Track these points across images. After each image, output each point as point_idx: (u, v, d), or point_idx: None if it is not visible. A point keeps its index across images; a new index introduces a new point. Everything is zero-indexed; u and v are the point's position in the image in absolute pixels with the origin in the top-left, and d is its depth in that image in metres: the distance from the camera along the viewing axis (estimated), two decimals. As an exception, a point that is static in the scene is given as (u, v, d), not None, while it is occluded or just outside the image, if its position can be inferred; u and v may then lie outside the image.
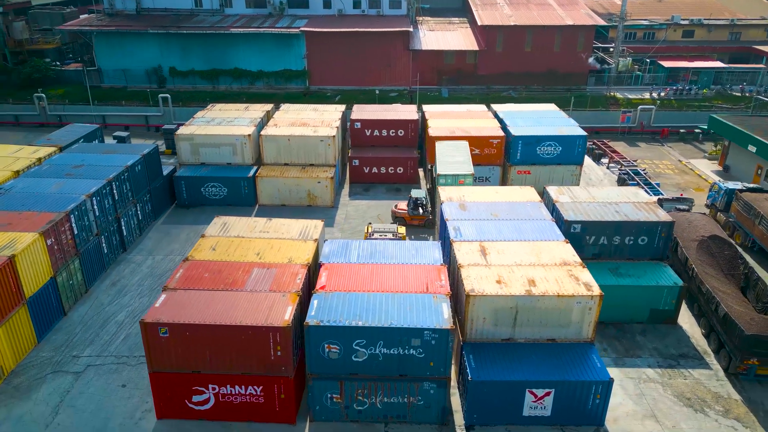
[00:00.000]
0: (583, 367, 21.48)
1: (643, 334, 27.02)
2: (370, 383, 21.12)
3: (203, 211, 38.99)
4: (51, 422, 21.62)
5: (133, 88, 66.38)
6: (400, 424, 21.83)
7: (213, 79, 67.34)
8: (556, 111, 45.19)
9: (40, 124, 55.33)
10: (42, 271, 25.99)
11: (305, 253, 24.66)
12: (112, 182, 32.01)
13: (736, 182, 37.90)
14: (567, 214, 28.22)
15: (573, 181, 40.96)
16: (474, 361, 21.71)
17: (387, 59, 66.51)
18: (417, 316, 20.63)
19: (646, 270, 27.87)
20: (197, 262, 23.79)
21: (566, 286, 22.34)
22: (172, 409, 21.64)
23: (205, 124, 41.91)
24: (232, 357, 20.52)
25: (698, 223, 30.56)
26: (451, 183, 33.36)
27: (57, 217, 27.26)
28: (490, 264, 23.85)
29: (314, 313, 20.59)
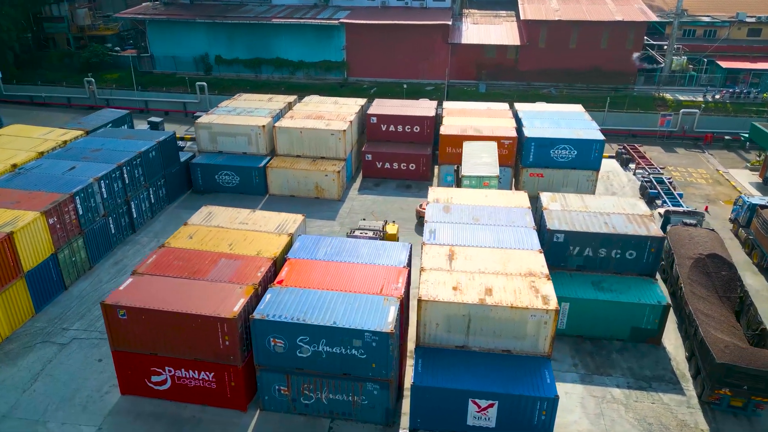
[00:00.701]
0: (530, 382, 20.99)
1: (621, 352, 25.97)
2: (315, 379, 21.58)
3: (217, 197, 40.49)
4: (28, 388, 23.48)
5: (181, 75, 69.24)
6: (345, 421, 22.20)
7: (256, 68, 69.20)
8: (580, 113, 43.56)
9: (90, 106, 58.88)
10: (42, 248, 28.04)
11: (275, 246, 25.32)
12: (123, 167, 33.89)
13: (765, 197, 35.34)
14: (551, 223, 27.40)
15: (589, 186, 39.52)
16: (422, 365, 21.67)
17: (425, 52, 66.01)
18: (361, 317, 20.83)
19: (632, 286, 26.68)
20: (171, 249, 24.96)
21: (522, 298, 21.83)
22: (133, 386, 22.98)
23: (226, 113, 43.38)
24: (185, 343, 21.52)
25: (701, 239, 28.84)
26: (476, 185, 32.51)
27: (61, 198, 29.27)
28: (453, 269, 23.61)
29: (263, 307, 21.21)
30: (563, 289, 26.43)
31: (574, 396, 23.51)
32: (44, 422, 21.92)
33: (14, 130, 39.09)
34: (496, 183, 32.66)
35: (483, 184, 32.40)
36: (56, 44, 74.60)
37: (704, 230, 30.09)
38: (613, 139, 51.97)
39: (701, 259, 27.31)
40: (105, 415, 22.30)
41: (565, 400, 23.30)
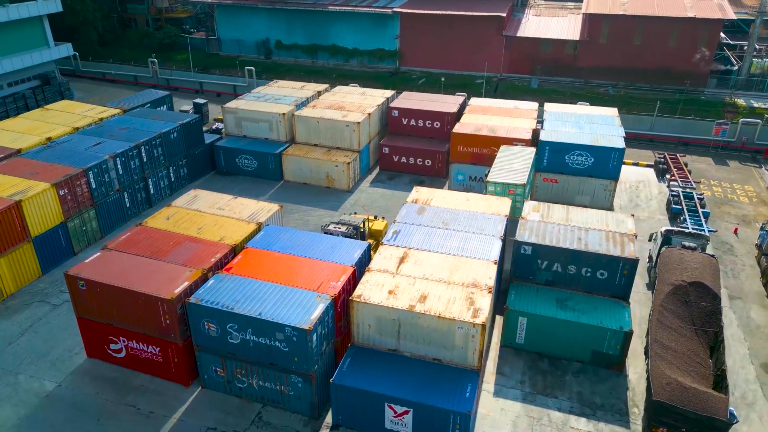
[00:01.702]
0: (448, 394, 20.77)
1: (577, 375, 24.83)
2: (246, 365, 22.56)
3: (236, 179, 42.49)
4: (13, 341, 26.34)
5: (244, 58, 72.34)
6: (275, 409, 23.06)
7: (312, 54, 70.86)
8: (611, 117, 41.08)
9: (153, 85, 63.09)
10: (52, 216, 30.96)
11: (240, 234, 26.44)
12: (141, 146, 36.41)
13: (799, 223, 31.92)
14: (520, 234, 26.47)
15: (606, 196, 37.43)
16: (348, 365, 22.05)
17: (478, 44, 64.56)
18: (288, 311, 21.47)
19: (599, 307, 25.31)
20: (146, 228, 26.79)
21: (453, 309, 21.52)
22: (96, 350, 25.13)
23: (255, 99, 45.08)
24: (134, 317, 23.21)
25: (692, 265, 26.68)
26: (500, 192, 31.25)
27: (74, 172, 32.07)
28: (398, 273, 23.63)
29: (201, 292, 22.41)
30: (524, 303, 25.61)
31: (509, 413, 22.90)
32: (16, 373, 24.57)
33: (61, 106, 43.00)
34: (522, 192, 31.24)
35: (508, 192, 31.13)
36: (137, 25, 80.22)
37: (701, 255, 27.73)
38: (661, 147, 48.60)
39: (683, 287, 25.32)
40: (68, 373, 24.62)
41: (499, 416, 22.77)
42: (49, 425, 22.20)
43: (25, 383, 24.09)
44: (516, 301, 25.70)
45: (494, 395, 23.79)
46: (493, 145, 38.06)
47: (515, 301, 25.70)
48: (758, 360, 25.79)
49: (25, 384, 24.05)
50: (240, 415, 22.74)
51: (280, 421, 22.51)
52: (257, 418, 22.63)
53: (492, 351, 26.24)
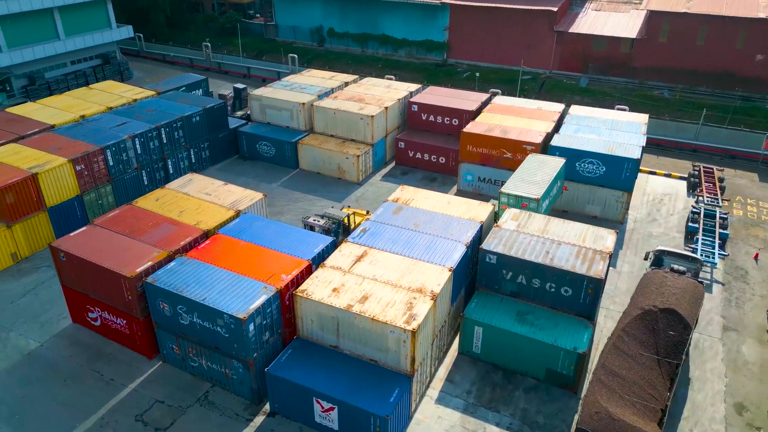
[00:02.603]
0: (373, 396, 20.96)
1: (529, 392, 24.14)
2: (196, 346, 23.76)
3: (255, 165, 44.04)
4: (15, 300, 29.10)
5: (297, 45, 74.19)
6: (222, 390, 24.15)
7: (363, 43, 71.40)
8: (638, 124, 38.70)
9: (206, 68, 66.14)
10: (68, 189, 33.59)
11: (216, 220, 27.64)
12: (161, 128, 38.57)
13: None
14: (488, 242, 25.83)
15: (618, 208, 35.59)
16: (288, 356, 22.72)
17: (528, 39, 62.57)
18: (231, 299, 22.36)
19: (559, 324, 24.37)
20: (134, 207, 28.58)
21: (388, 312, 21.58)
22: (78, 317, 27.30)
23: (282, 87, 46.32)
24: (104, 290, 24.99)
25: (671, 290, 25.00)
26: (513, 204, 29.70)
27: (91, 149, 34.57)
28: (349, 271, 23.92)
29: (159, 273, 23.76)
30: (482, 312, 25.12)
31: (445, 422, 22.72)
32: (9, 330, 27.21)
33: (103, 86, 46.18)
34: (535, 207, 29.38)
35: (521, 205, 29.52)
36: (204, 9, 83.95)
37: (686, 281, 25.88)
38: (705, 159, 45.27)
39: (653, 313, 23.83)
40: (52, 335, 26.96)
41: (434, 423, 22.66)
42: (23, 380, 24.49)
43: (13, 340, 26.65)
44: (474, 310, 25.25)
45: (436, 402, 23.66)
46: (503, 146, 37.16)
47: (474, 310, 25.25)
48: (732, 399, 23.94)
49: (14, 340, 26.60)
50: (189, 392, 24.03)
51: (223, 403, 23.59)
52: (204, 397, 23.83)
53: (449, 357, 25.99)
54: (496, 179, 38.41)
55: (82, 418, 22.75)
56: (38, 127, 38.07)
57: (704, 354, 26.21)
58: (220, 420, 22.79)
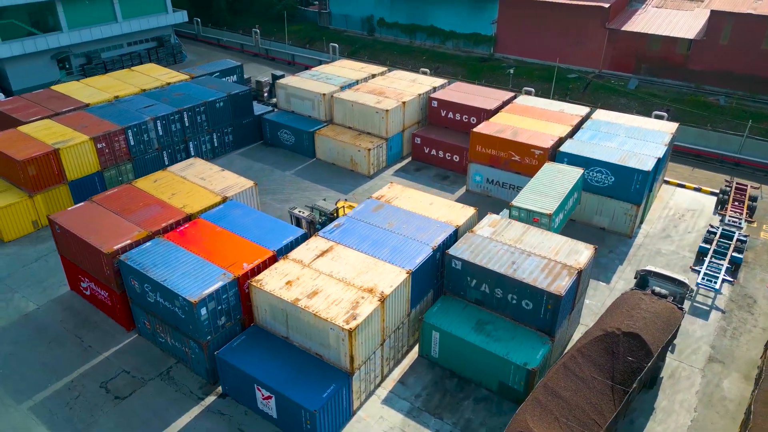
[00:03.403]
0: (307, 390, 21.42)
1: (479, 403, 23.75)
2: (161, 323, 25.08)
3: (276, 152, 45.24)
4: (27, 265, 31.74)
5: (348, 33, 74.90)
6: (185, 367, 25.39)
7: (411, 34, 71.02)
8: (663, 134, 36.42)
9: (254, 54, 68.18)
10: (88, 165, 36.00)
11: (201, 204, 28.83)
12: (183, 112, 40.41)
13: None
14: (456, 248, 25.42)
15: (626, 221, 33.86)
16: (240, 342, 23.59)
17: (578, 35, 59.92)
18: (189, 283, 23.39)
19: (517, 337, 23.75)
20: (132, 187, 30.30)
21: (331, 310, 21.89)
22: (74, 285, 29.43)
23: (309, 77, 47.12)
24: (89, 263, 26.81)
25: (643, 314, 23.63)
26: (524, 218, 28.29)
27: (113, 129, 36.81)
28: (309, 265, 24.37)
29: (133, 252, 25.21)
30: (442, 318, 24.88)
31: (385, 423, 22.82)
32: (14, 291, 29.78)
33: (144, 68, 48.79)
34: (546, 222, 27.89)
35: (533, 220, 28.06)
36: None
37: (664, 305, 24.34)
38: (747, 175, 42.01)
39: (615, 335, 22.68)
40: (49, 300, 29.26)
41: (373, 423, 22.83)
42: (14, 339, 26.83)
43: (16, 301, 29.16)
44: (434, 315, 25.04)
45: (383, 402, 23.78)
46: (511, 149, 36.16)
47: (433, 315, 25.04)
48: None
49: (16, 302, 29.11)
50: (154, 366, 25.45)
51: (182, 379, 24.82)
52: (166, 372, 25.17)
53: (408, 359, 25.96)
54: (504, 182, 37.47)
55: (55, 379, 24.69)
56: (74, 105, 40.95)
57: (678, 384, 24.69)
58: (175, 396, 24.03)
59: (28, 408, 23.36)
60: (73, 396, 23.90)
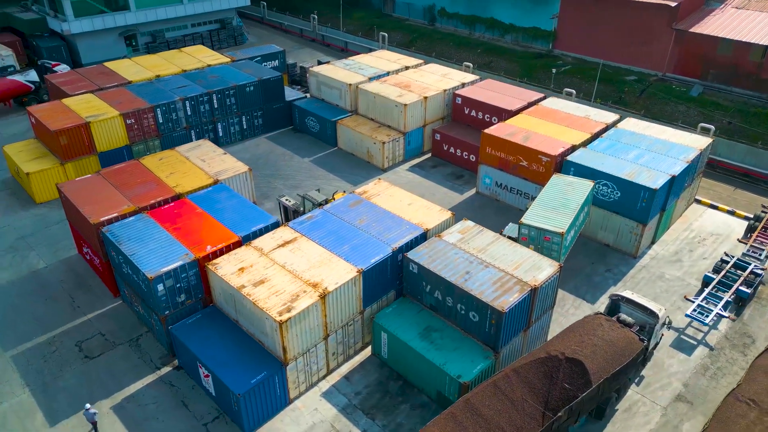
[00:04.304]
0: (240, 374, 22.26)
1: (415, 408, 23.61)
2: (134, 294, 26.85)
3: (302, 138, 46.30)
4: (48, 227, 34.81)
5: (410, 22, 74.56)
6: (153, 338, 27.06)
7: (471, 26, 69.57)
8: (691, 149, 33.65)
9: (312, 39, 69.59)
10: (117, 139, 38.69)
11: (193, 185, 30.30)
12: (213, 94, 42.29)
13: None
14: (415, 251, 25.17)
15: (631, 240, 31.86)
16: (194, 320, 24.84)
17: (643, 35, 56.06)
18: (153, 259, 24.81)
19: (461, 348, 23.30)
20: (137, 163, 32.32)
21: (271, 300, 22.53)
22: (79, 249, 32.04)
23: (342, 66, 47.63)
24: (84, 231, 29.09)
25: (595, 341, 22.31)
26: (535, 237, 27.05)
27: (143, 107, 39.28)
28: (266, 254, 25.13)
29: (116, 224, 27.06)
30: (392, 319, 24.84)
31: (317, 416, 23.27)
32: (31, 250, 32.87)
33: (192, 50, 51.32)
34: (559, 242, 26.59)
35: (543, 239, 26.94)
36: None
37: (624, 334, 22.80)
38: (793, 199, 38.05)
39: (557, 359, 21.63)
40: (58, 260, 32.06)
41: (306, 414, 23.36)
42: (19, 292, 29.73)
43: (30, 258, 32.23)
44: (385, 316, 25.04)
45: (322, 395, 24.23)
46: (520, 153, 34.91)
47: (385, 316, 25.05)
48: (631, 476, 21.13)
49: (30, 259, 32.17)
50: (127, 332, 27.34)
51: (147, 348, 26.51)
52: (135, 339, 27.00)
53: (361, 355, 26.17)
54: (513, 187, 36.28)
55: (41, 333, 27.20)
56: (117, 82, 43.99)
57: (633, 419, 23.20)
58: (137, 362, 25.76)
59: (11, 356, 25.97)
60: (51, 350, 26.26)
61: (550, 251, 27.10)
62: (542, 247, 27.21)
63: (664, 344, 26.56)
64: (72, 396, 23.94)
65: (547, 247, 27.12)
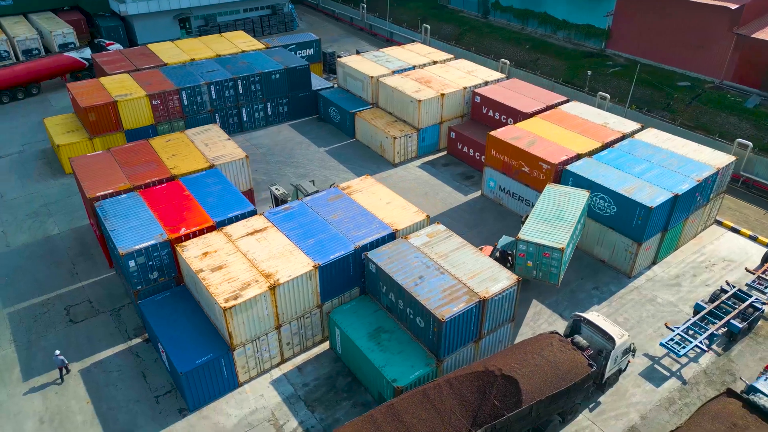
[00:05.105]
0: (188, 353, 23.31)
1: (357, 407, 23.80)
2: (118, 266, 28.55)
3: (324, 127, 46.96)
4: (71, 196, 37.42)
5: (463, 14, 73.17)
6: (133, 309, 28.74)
7: (524, 20, 67.42)
8: (707, 167, 31.32)
9: (360, 28, 69.90)
10: (143, 118, 40.87)
11: (188, 168, 31.56)
12: (238, 80, 43.69)
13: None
14: (376, 251, 25.19)
15: (626, 258, 30.27)
16: (162, 298, 26.23)
17: (701, 38, 52.24)
18: (130, 236, 26.25)
19: (405, 351, 23.26)
20: (146, 144, 34.01)
21: (222, 287, 23.40)
22: (90, 219, 34.35)
23: (370, 58, 47.71)
24: (85, 203, 31.16)
25: (539, 360, 21.53)
26: (533, 254, 26.40)
27: (168, 89, 41.24)
28: (233, 241, 25.98)
29: (108, 201, 28.76)
30: (346, 316, 25.11)
31: (261, 401, 23.97)
32: (51, 216, 35.54)
33: (230, 35, 52.98)
34: (559, 257, 26.01)
35: (542, 255, 26.32)
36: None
37: (573, 356, 21.81)
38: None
39: (493, 375, 21.11)
40: (70, 228, 34.51)
41: (251, 399, 24.11)
42: (29, 255, 32.35)
43: (47, 224, 34.92)
44: (342, 312, 25.32)
45: (271, 382, 24.91)
46: (522, 158, 33.85)
47: (341, 312, 25.33)
48: (555, 504, 20.35)
49: (47, 225, 34.86)
50: (112, 302, 29.18)
51: (126, 319, 28.20)
52: (117, 310, 28.77)
53: (320, 348, 26.60)
54: (515, 192, 35.25)
55: (38, 295, 29.57)
56: (154, 63, 46.30)
57: (574, 446, 22.31)
58: (113, 331, 27.50)
59: (7, 312, 28.45)
60: (42, 311, 28.53)
61: (550, 267, 26.29)
62: (541, 263, 26.44)
63: (633, 372, 25.19)
64: (49, 356, 25.91)
65: (546, 263, 26.30)
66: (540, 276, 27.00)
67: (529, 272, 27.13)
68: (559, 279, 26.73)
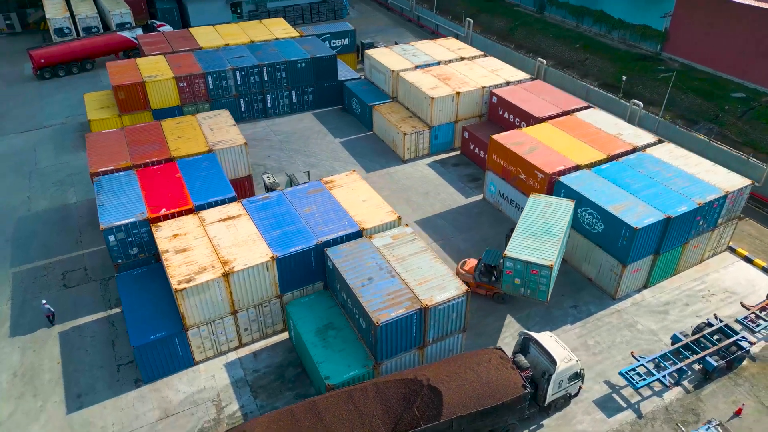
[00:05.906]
0: (145, 328, 24.53)
1: (297, 398, 24.26)
2: (111, 239, 30.41)
3: (345, 118, 47.30)
4: (94, 169, 40.15)
5: (519, 8, 71.04)
6: (122, 280, 30.59)
7: (579, 17, 64.55)
8: (713, 188, 29.08)
9: (408, 19, 69.36)
10: (170, 99, 42.85)
11: (189, 151, 32.88)
12: (263, 67, 44.79)
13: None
14: (336, 248, 25.41)
15: (612, 279, 28.84)
16: (138, 273, 27.60)
17: (763, 45, 47.90)
18: (115, 212, 27.81)
19: (346, 350, 23.48)
20: (157, 124, 35.74)
21: (181, 269, 24.49)
22: (102, 193, 36.66)
23: (398, 51, 47.43)
24: (94, 178, 33.32)
25: (469, 375, 21.05)
26: (521, 271, 25.62)
27: (195, 72, 42.97)
28: (204, 225, 26.99)
29: (106, 177, 30.58)
30: (302, 310, 25.61)
31: (211, 381, 24.93)
32: (72, 186, 38.20)
33: (268, 22, 54.18)
34: (548, 275, 25.21)
35: (530, 272, 25.51)
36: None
37: (509, 375, 21.14)
38: None
39: (420, 384, 20.91)
40: (85, 198, 36.92)
41: (203, 379, 25.14)
42: (45, 221, 35.00)
43: (67, 194, 37.55)
44: (298, 305, 25.82)
45: (225, 364, 25.85)
46: (519, 165, 32.82)
47: (297, 305, 25.85)
48: None
49: (67, 195, 37.49)
50: (104, 272, 31.09)
51: (112, 289, 30.00)
52: (107, 279, 30.64)
53: (279, 336, 27.24)
54: (512, 199, 34.24)
55: (42, 258, 32.05)
56: (190, 47, 48.27)
57: (502, 467, 21.72)
58: (98, 300, 29.41)
59: (12, 272, 31.07)
60: (41, 274, 30.95)
61: (538, 284, 25.62)
62: (529, 281, 25.83)
63: (587, 398, 24.10)
64: (38, 315, 28.14)
65: (534, 280, 25.61)
66: (528, 293, 26.12)
67: (516, 289, 26.30)
68: (547, 296, 25.84)
